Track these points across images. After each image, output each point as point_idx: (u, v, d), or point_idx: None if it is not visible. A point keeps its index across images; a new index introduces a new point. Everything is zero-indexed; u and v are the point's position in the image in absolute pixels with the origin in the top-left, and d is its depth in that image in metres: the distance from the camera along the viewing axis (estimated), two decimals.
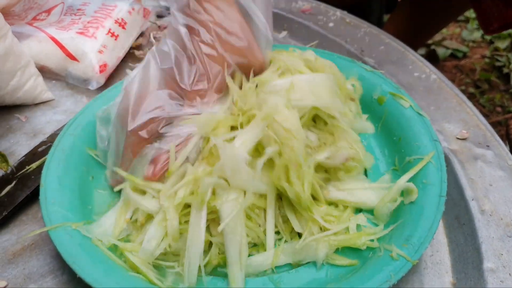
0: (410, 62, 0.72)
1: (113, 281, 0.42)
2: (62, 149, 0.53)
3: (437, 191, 0.48)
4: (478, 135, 0.59)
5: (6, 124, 0.66)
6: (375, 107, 0.60)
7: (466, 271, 0.47)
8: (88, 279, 0.41)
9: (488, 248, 0.47)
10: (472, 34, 1.87)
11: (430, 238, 0.44)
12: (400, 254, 0.43)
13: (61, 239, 0.45)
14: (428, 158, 0.51)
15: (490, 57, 1.76)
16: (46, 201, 0.48)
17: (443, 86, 0.67)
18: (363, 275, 0.43)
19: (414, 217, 0.46)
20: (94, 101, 0.59)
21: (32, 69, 0.68)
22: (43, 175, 0.50)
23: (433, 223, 0.45)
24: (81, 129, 0.56)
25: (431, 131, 0.54)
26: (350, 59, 0.64)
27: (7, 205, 0.52)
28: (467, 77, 1.68)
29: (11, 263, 0.49)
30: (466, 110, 0.63)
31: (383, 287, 0.41)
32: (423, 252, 0.43)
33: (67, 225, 0.46)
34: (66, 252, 0.43)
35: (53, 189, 0.49)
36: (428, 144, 0.52)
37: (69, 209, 0.48)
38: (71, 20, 0.76)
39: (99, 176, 0.54)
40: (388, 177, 0.53)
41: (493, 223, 0.50)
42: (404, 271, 0.42)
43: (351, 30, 0.79)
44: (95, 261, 0.44)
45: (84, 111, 0.58)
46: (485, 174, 0.55)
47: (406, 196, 0.49)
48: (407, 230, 0.45)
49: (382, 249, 0.45)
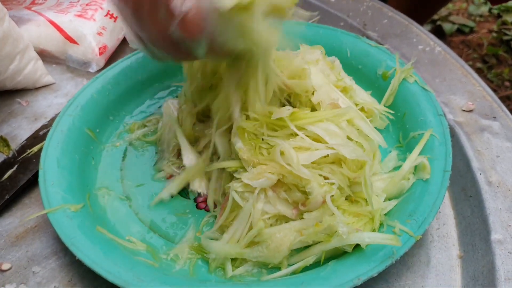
0: (414, 35, 0.70)
1: (111, 263, 0.42)
2: (61, 130, 0.53)
3: (441, 166, 0.47)
4: (485, 106, 0.58)
5: (8, 108, 0.65)
6: (379, 82, 0.59)
7: (473, 243, 0.47)
8: (86, 261, 0.41)
9: (495, 219, 0.47)
10: (479, 9, 1.84)
11: (434, 213, 0.43)
12: (403, 230, 0.42)
13: (60, 221, 0.45)
14: (429, 132, 0.50)
15: (498, 31, 1.73)
16: (45, 183, 0.48)
17: (448, 58, 0.65)
18: (366, 250, 0.42)
19: (418, 193, 0.46)
20: (93, 81, 0.59)
21: (32, 53, 0.67)
22: (42, 157, 0.50)
23: (437, 198, 0.44)
24: (80, 109, 0.56)
25: (436, 105, 0.53)
26: (355, 35, 0.63)
27: (9, 188, 0.52)
28: (474, 52, 1.65)
29: (14, 246, 0.49)
30: (471, 81, 0.62)
31: (387, 263, 0.40)
32: (426, 228, 0.42)
33: (66, 207, 0.46)
34: (65, 234, 0.44)
35: (52, 171, 0.49)
36: (432, 119, 0.51)
37: (68, 191, 0.48)
38: (70, 3, 0.75)
39: (99, 157, 0.55)
40: (394, 155, 0.52)
41: (500, 194, 0.49)
42: (407, 247, 0.41)
43: (353, 4, 0.78)
44: (94, 242, 0.44)
45: (83, 91, 0.58)
46: (492, 145, 0.53)
47: (418, 172, 0.48)
48: (411, 205, 0.45)
49: (385, 225, 0.44)
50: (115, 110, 0.60)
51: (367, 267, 0.40)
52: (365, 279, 0.39)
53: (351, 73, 0.61)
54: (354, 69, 0.61)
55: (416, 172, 0.48)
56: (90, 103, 0.57)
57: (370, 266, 0.40)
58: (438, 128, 0.51)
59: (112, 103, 0.60)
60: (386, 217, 0.45)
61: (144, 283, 0.40)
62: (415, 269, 0.46)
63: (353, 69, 0.61)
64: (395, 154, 0.52)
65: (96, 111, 0.58)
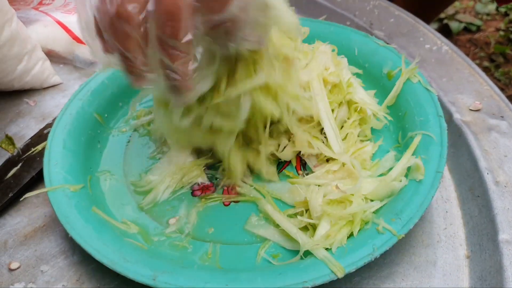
0: (421, 34, 0.70)
1: (101, 243, 0.43)
2: (70, 113, 0.55)
3: (434, 167, 0.47)
4: (492, 105, 0.58)
5: (16, 108, 0.66)
6: (384, 82, 0.59)
7: (480, 243, 0.47)
8: (78, 239, 0.43)
9: (503, 219, 0.46)
10: (486, 7, 1.83)
11: (420, 213, 0.43)
12: (386, 228, 0.43)
13: (58, 200, 0.46)
14: (420, 136, 0.50)
15: (505, 30, 1.72)
16: (49, 162, 0.50)
17: (455, 57, 0.65)
18: (348, 247, 0.42)
19: (408, 192, 0.46)
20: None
21: (39, 53, 0.68)
22: (49, 137, 0.52)
23: (425, 198, 0.44)
24: (91, 94, 0.58)
25: (437, 106, 0.52)
26: (364, 34, 0.63)
27: (13, 186, 0.53)
28: (481, 51, 1.64)
29: (23, 245, 0.49)
30: (479, 80, 0.61)
31: (366, 261, 0.41)
32: (411, 227, 0.42)
33: (66, 187, 0.48)
34: (61, 212, 0.45)
35: (57, 152, 0.51)
36: (432, 120, 0.51)
37: (70, 172, 0.50)
38: None
39: (105, 141, 0.57)
40: (392, 155, 0.52)
41: (508, 194, 0.49)
42: (388, 245, 0.41)
43: (359, 3, 0.78)
44: (88, 222, 0.45)
45: (94, 78, 0.59)
46: (500, 145, 0.53)
47: (412, 173, 0.48)
48: (399, 204, 0.45)
49: (370, 223, 0.44)
50: (125, 97, 0.61)
51: (345, 263, 0.41)
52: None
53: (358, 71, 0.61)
54: (360, 67, 0.61)
55: (409, 172, 0.48)
56: (101, 88, 0.58)
57: (347, 262, 0.41)
58: (436, 129, 0.50)
59: (123, 90, 0.61)
60: (374, 214, 0.45)
61: (129, 263, 0.41)
62: (422, 269, 0.46)
63: (360, 67, 0.61)
64: (392, 154, 0.52)
65: (106, 97, 0.59)
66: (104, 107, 0.58)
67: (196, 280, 0.41)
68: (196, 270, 0.43)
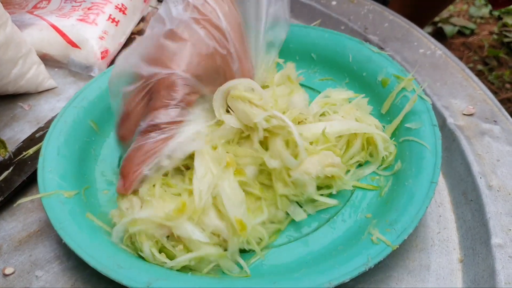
0: (415, 39, 0.70)
1: (95, 249, 0.43)
2: (65, 120, 0.55)
3: (429, 177, 0.47)
4: (485, 110, 0.58)
5: (10, 112, 0.66)
6: (379, 89, 0.59)
7: (474, 247, 0.47)
8: (72, 245, 0.43)
9: (496, 223, 0.47)
10: (480, 10, 1.84)
11: (415, 224, 0.44)
12: (380, 239, 0.43)
13: (52, 206, 0.46)
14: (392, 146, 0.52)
15: (499, 34, 1.73)
16: (43, 169, 0.50)
17: (449, 62, 0.65)
18: (342, 257, 0.43)
19: (402, 202, 0.46)
20: (102, 75, 0.60)
21: (34, 57, 0.67)
22: (44, 144, 0.52)
23: (419, 209, 0.45)
24: (87, 102, 0.58)
25: (431, 115, 0.52)
26: (358, 40, 0.63)
27: (4, 190, 0.52)
28: (475, 54, 1.65)
29: (17, 250, 0.49)
30: (472, 85, 0.62)
31: (360, 271, 0.41)
32: (405, 238, 0.43)
33: (60, 193, 0.48)
34: (55, 218, 0.45)
35: (52, 158, 0.51)
36: (426, 129, 0.51)
37: (64, 178, 0.50)
38: (72, 7, 0.75)
39: (99, 149, 0.57)
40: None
41: (500, 198, 0.49)
42: (382, 256, 0.42)
43: (354, 8, 0.78)
44: (82, 228, 0.45)
45: (90, 85, 0.59)
46: (493, 149, 0.54)
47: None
48: (393, 214, 0.45)
49: (366, 234, 0.45)
50: None
51: (339, 273, 0.41)
52: (336, 284, 0.40)
53: (352, 78, 0.61)
54: (355, 74, 0.61)
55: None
56: (96, 96, 0.58)
57: (342, 272, 0.41)
58: (430, 139, 0.50)
59: None
60: (369, 225, 0.46)
61: (123, 270, 0.41)
62: (416, 273, 0.46)
63: (354, 74, 0.61)
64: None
65: (102, 104, 0.59)
66: (99, 115, 0.58)
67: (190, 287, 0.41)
68: (190, 276, 0.43)
